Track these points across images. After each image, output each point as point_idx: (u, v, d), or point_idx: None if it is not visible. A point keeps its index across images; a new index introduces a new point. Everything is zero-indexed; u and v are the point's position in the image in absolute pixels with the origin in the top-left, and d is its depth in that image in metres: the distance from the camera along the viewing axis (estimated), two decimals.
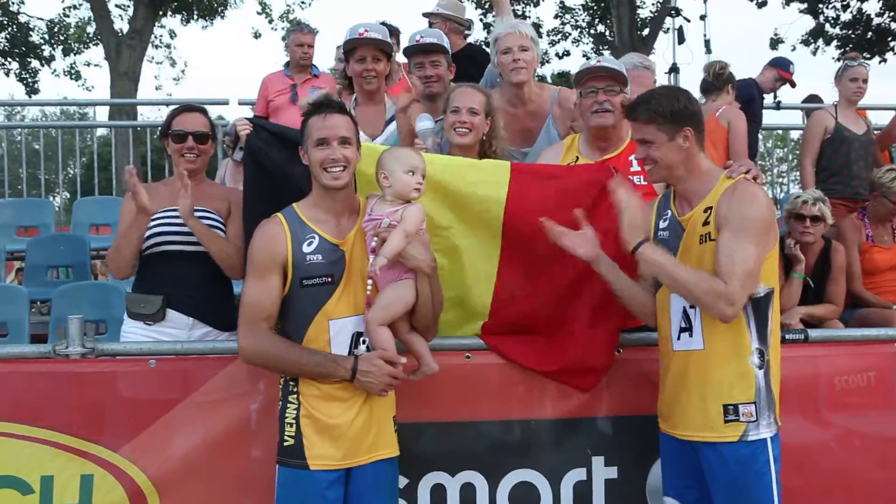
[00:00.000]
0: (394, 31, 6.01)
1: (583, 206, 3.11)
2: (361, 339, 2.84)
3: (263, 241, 2.84)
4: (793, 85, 7.04)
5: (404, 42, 4.80)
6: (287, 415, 2.83)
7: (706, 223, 2.82)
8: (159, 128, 4.01)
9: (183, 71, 22.48)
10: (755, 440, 2.78)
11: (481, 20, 20.40)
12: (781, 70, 6.93)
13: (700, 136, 2.90)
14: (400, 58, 5.05)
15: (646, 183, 3.45)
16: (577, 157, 3.62)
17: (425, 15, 5.85)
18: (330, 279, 2.82)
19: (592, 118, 3.55)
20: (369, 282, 2.83)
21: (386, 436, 2.90)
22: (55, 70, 34.13)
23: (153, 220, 3.44)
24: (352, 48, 4.05)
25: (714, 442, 2.80)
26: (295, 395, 2.83)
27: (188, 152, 3.52)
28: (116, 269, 3.50)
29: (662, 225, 3.00)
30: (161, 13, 18.32)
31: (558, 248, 3.06)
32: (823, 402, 3.42)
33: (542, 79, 20.11)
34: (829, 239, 4.80)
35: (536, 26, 20.01)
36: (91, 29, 19.56)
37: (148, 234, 3.44)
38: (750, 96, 6.49)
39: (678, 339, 2.90)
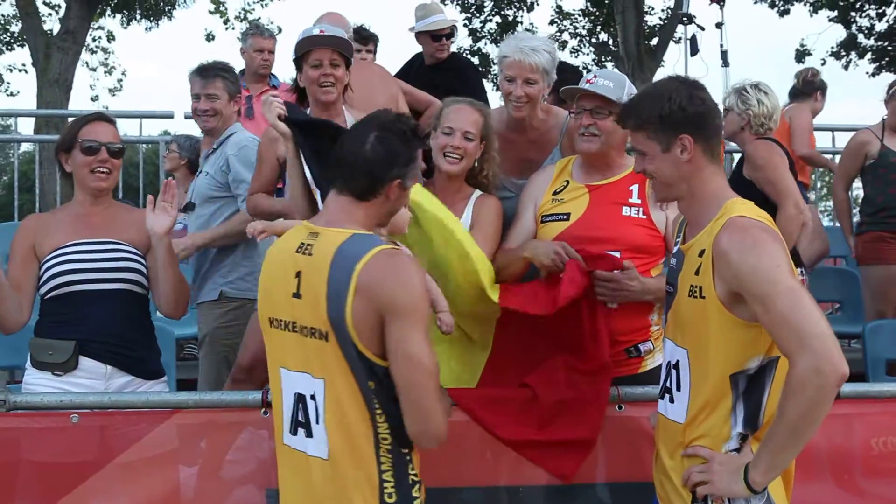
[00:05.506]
0: (371, 38, 6.06)
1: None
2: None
3: None
4: None
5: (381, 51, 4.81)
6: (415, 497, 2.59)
7: (698, 272, 2.51)
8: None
9: (121, 80, 22.40)
10: None
11: (466, 25, 20.65)
12: None
13: (707, 146, 2.56)
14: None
15: (644, 217, 3.51)
16: (568, 182, 3.64)
17: (413, 31, 5.87)
18: None
19: (578, 142, 3.58)
20: None
21: None
22: None
23: (54, 256, 3.41)
24: (306, 51, 4.04)
25: None
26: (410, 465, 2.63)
27: (100, 167, 3.47)
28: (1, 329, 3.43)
29: (675, 250, 2.80)
30: (98, 12, 18.35)
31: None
32: (858, 468, 3.39)
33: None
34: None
35: (529, 33, 20.37)
36: (16, 28, 19.53)
37: (48, 273, 3.40)
38: None
39: (659, 397, 2.77)
